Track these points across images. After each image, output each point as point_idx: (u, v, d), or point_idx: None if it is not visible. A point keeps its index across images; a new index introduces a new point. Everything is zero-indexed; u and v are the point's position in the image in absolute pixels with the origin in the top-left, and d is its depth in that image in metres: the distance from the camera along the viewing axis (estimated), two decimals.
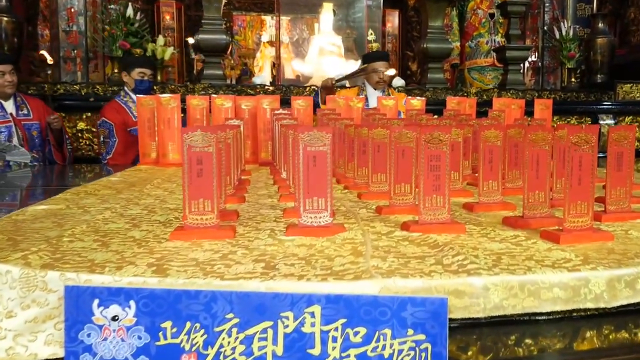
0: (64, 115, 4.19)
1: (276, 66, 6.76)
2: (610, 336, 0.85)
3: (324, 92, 3.74)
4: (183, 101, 3.00)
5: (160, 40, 5.28)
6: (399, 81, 4.79)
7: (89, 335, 0.82)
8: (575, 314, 0.83)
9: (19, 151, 3.33)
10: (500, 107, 3.19)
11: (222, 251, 0.99)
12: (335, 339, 0.77)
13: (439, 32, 5.18)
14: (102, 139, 3.66)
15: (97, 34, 5.13)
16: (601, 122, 4.96)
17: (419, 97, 3.54)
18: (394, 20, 7.44)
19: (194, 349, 0.80)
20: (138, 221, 1.30)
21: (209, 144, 1.12)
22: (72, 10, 5.13)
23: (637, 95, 5.33)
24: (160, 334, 0.81)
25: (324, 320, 0.77)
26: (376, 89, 3.85)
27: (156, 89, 4.13)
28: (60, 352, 0.82)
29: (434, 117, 2.76)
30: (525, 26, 6.47)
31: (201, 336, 0.80)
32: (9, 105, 3.49)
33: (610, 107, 5.22)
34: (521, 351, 0.82)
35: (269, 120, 2.94)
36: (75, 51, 5.08)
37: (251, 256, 0.95)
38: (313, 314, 0.77)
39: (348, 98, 3.29)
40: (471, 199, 1.64)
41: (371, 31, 4.09)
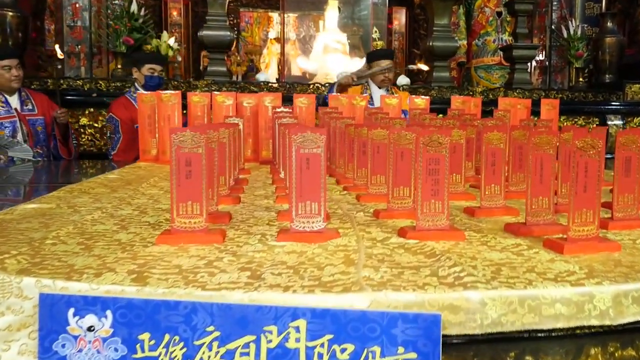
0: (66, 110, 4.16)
1: (282, 63, 6.71)
2: (616, 354, 0.80)
3: (339, 89, 3.69)
4: (186, 98, 2.96)
5: (165, 36, 5.24)
6: (403, 79, 4.73)
7: (63, 346, 0.78)
8: (578, 331, 0.78)
9: (21, 147, 3.31)
10: (506, 107, 3.14)
11: (208, 257, 0.95)
12: (321, 356, 0.72)
13: (444, 30, 5.12)
14: (108, 134, 3.63)
15: (101, 29, 5.10)
16: (609, 123, 4.88)
17: (423, 96, 3.48)
18: (400, 18, 7.38)
19: None
20: (127, 223, 1.26)
21: (199, 144, 1.07)
22: (77, 6, 5.10)
23: None
24: (138, 346, 0.76)
25: (309, 335, 0.72)
26: (380, 88, 3.80)
27: None
28: None
29: (438, 116, 2.71)
30: (533, 25, 6.38)
31: (180, 349, 0.75)
32: (14, 100, 3.47)
33: (618, 107, 5.14)
34: None
35: (271, 118, 2.90)
36: (79, 46, 5.05)
37: (238, 264, 0.91)
38: (298, 329, 0.73)
39: (351, 96, 3.24)
40: (473, 202, 1.59)
41: (376, 29, 4.04)
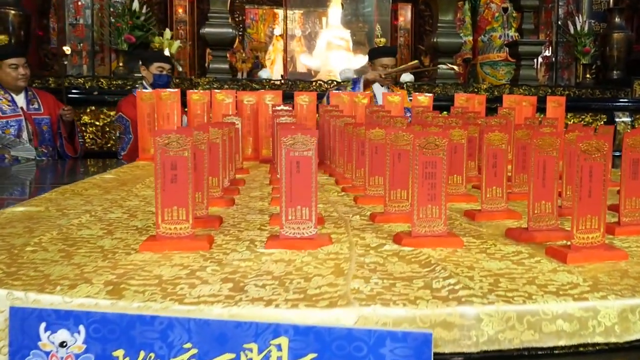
0: None
1: (284, 60, 6.66)
2: None
3: (365, 84, 3.65)
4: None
5: (167, 33, 5.19)
6: (407, 76, 4.66)
7: None
8: (582, 349, 0.72)
9: (24, 147, 3.28)
10: (511, 105, 3.07)
11: (191, 266, 0.90)
12: None
13: (449, 26, 5.05)
14: (117, 134, 3.58)
15: (103, 27, 5.07)
16: (617, 120, 4.80)
17: (426, 94, 3.42)
18: (406, 14, 7.31)
19: None
20: (114, 227, 1.22)
21: (184, 147, 1.03)
22: (79, 4, 5.07)
23: None
24: None
25: (291, 354, 0.68)
26: (382, 86, 3.75)
27: None
28: None
29: (441, 114, 2.66)
30: (539, 21, 6.28)
31: None
32: (20, 99, 3.46)
33: (626, 104, 5.06)
34: None
35: (271, 116, 2.85)
36: (82, 44, 5.02)
37: (221, 274, 0.86)
38: (280, 347, 0.68)
39: (352, 94, 3.18)
40: (474, 204, 1.54)
41: (379, 26, 3.98)
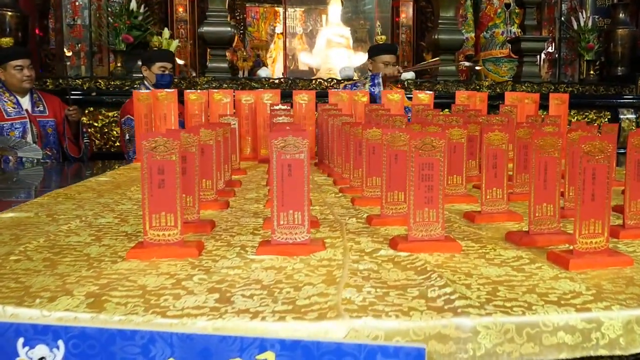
0: None
1: (284, 58, 6.62)
2: None
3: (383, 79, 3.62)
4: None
5: (166, 33, 5.16)
6: (408, 74, 4.62)
7: None
8: None
9: (30, 147, 3.26)
10: (513, 102, 3.03)
11: (178, 275, 0.87)
12: None
13: (450, 22, 5.00)
14: (127, 137, 3.52)
15: (101, 28, 5.04)
16: (621, 117, 4.74)
17: (427, 91, 3.38)
18: (408, 11, 7.25)
19: None
20: (104, 233, 1.19)
21: (172, 151, 1.00)
22: (77, 4, 5.04)
23: None
24: None
25: None
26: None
27: None
28: None
29: (441, 112, 2.62)
30: (542, 16, 6.22)
31: None
32: (25, 101, 3.43)
33: (631, 100, 5.00)
34: None
35: (270, 115, 2.82)
36: (80, 45, 4.99)
37: (208, 283, 0.83)
38: None
39: (352, 93, 3.14)
40: (474, 205, 1.50)
41: (379, 23, 3.94)
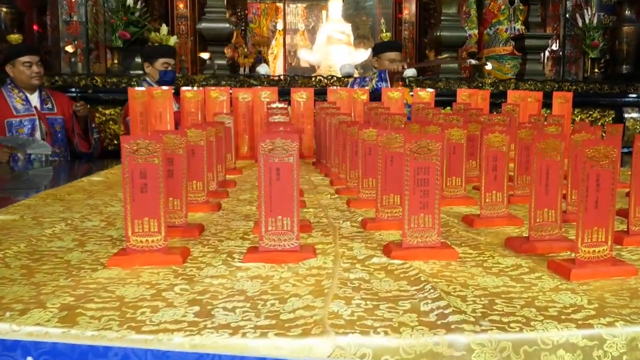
0: None
1: (285, 55, 6.56)
2: None
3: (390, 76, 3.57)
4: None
5: (164, 29, 5.11)
6: (410, 71, 4.56)
7: None
8: None
9: (39, 144, 3.23)
10: (516, 101, 2.97)
11: (159, 285, 0.83)
12: None
13: (453, 19, 4.94)
14: None
15: (98, 24, 4.99)
16: (626, 116, 4.67)
17: (428, 89, 3.33)
18: (410, 8, 7.18)
19: None
20: (87, 238, 1.15)
21: (154, 154, 0.95)
22: (73, 0, 4.99)
23: None
24: None
25: None
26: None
27: None
28: None
29: (443, 110, 2.57)
30: (546, 13, 6.14)
31: None
32: (34, 99, 3.42)
33: (636, 99, 4.93)
34: None
35: (266, 114, 2.77)
36: (76, 42, 4.95)
37: (190, 294, 0.79)
38: None
39: (352, 91, 3.10)
40: (473, 208, 1.45)
41: (383, 20, 3.89)
